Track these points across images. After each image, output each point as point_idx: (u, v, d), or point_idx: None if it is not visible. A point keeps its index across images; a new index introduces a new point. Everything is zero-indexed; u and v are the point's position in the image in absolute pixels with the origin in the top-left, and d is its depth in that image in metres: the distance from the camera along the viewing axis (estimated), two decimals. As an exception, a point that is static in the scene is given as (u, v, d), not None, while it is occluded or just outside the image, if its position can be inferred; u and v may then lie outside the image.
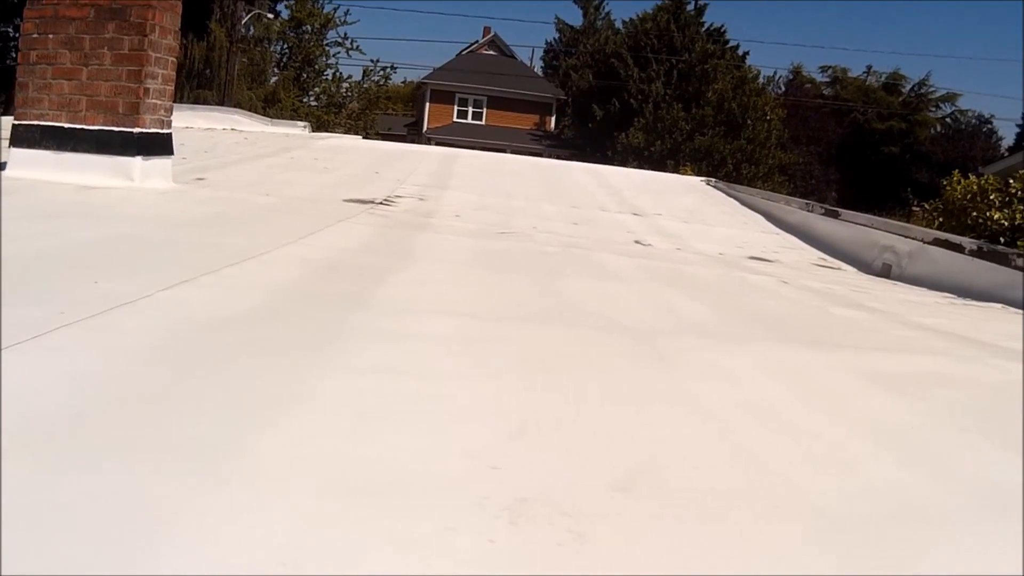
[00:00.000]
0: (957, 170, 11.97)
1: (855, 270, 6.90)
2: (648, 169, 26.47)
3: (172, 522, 1.64)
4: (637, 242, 7.13)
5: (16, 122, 6.69)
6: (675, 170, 30.63)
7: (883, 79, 59.79)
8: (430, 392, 2.59)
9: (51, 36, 6.57)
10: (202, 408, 2.26)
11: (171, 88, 6.94)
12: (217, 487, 1.81)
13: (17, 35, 31.85)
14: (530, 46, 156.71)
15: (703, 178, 17.20)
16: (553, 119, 54.85)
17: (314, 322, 3.32)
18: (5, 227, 4.38)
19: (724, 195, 13.53)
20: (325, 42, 45.90)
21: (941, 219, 11.06)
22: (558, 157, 30.23)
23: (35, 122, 6.60)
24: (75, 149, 6.50)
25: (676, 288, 4.98)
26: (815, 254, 8.03)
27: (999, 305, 6.48)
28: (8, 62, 31.04)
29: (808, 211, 10.32)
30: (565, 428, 2.40)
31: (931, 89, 58.45)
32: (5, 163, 6.64)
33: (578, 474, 2.06)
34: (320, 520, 1.71)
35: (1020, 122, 67.20)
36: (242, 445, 2.06)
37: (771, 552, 1.79)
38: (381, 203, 7.67)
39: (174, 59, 6.87)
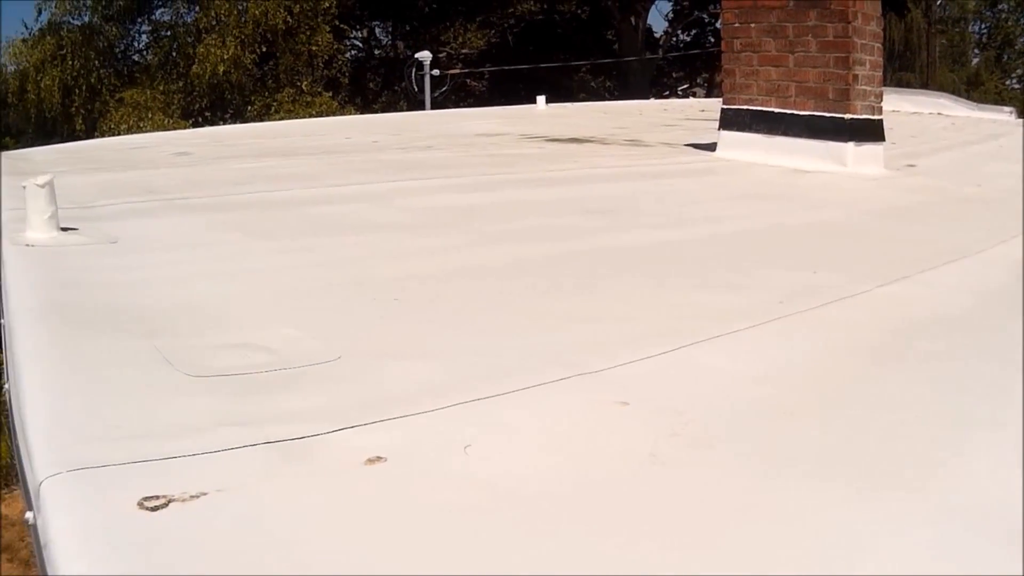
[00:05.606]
0: None
1: None
2: None
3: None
4: None
5: (725, 106, 6.98)
6: None
7: None
8: None
9: (753, 25, 6.75)
10: (896, 422, 2.07)
11: (879, 74, 6.79)
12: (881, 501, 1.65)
13: (711, 20, 33.67)
14: None
15: None
16: None
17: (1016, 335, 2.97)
18: (717, 206, 4.50)
19: None
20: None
21: None
22: None
23: (744, 106, 6.81)
24: (786, 133, 6.58)
25: None
26: None
27: None
28: (707, 47, 32.70)
29: None
30: None
31: None
32: (715, 144, 6.90)
33: None
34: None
35: None
36: (925, 462, 1.86)
37: None
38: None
39: (879, 45, 6.72)
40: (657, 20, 46.38)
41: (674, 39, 36.63)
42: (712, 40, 32.07)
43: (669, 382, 2.17)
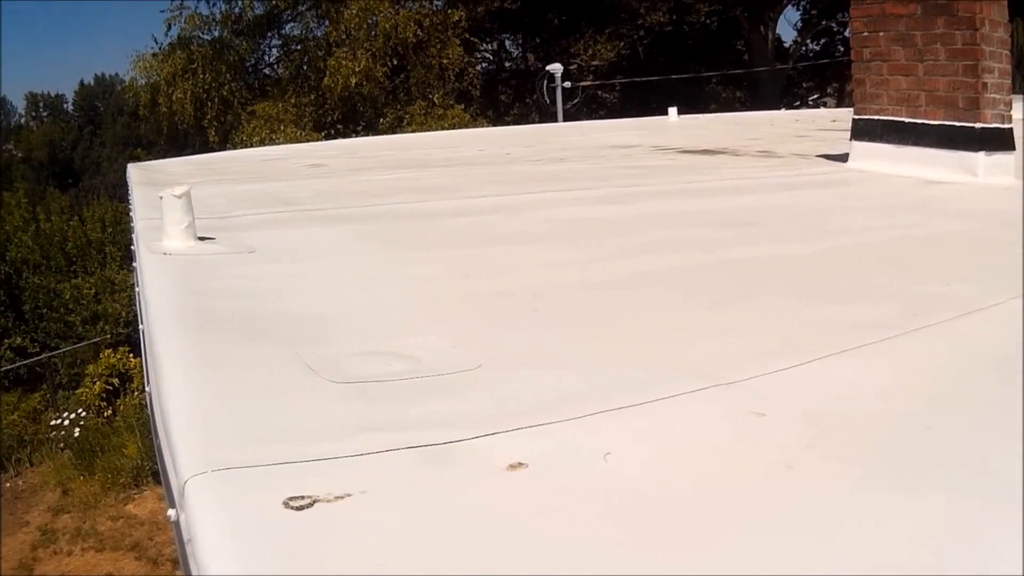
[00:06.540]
0: None
1: None
2: None
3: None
4: None
5: (856, 116, 6.88)
6: None
7: None
8: None
9: (881, 33, 6.64)
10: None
11: (1008, 82, 6.61)
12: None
13: (839, 29, 32.99)
14: None
15: None
16: None
17: None
18: (849, 217, 4.44)
19: None
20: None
21: None
22: None
23: (875, 116, 6.71)
24: (916, 143, 6.46)
25: None
26: None
27: None
28: (836, 56, 32.06)
29: None
30: None
31: None
32: (847, 154, 6.80)
33: None
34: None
35: None
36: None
37: None
38: None
39: (1007, 52, 6.55)
40: (786, 30, 45.72)
41: (803, 49, 36.09)
42: (841, 49, 31.44)
43: (804, 393, 2.16)
